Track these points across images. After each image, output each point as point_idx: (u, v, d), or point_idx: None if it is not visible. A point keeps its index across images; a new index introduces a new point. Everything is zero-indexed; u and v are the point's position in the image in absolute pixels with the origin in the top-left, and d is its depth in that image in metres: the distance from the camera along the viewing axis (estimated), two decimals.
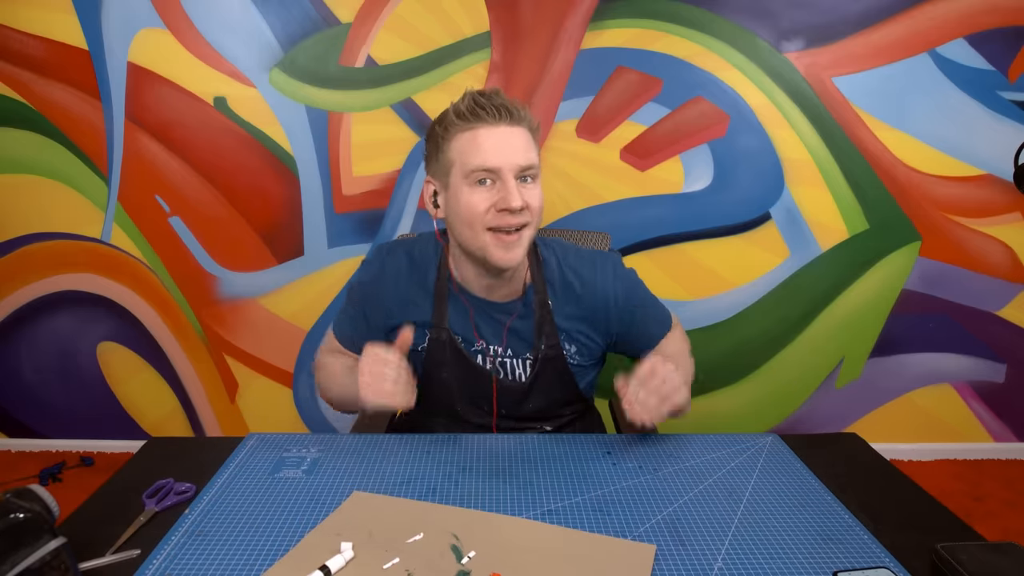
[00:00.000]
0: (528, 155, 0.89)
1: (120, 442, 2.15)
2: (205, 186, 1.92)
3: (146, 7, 1.78)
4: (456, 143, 0.89)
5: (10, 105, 1.86)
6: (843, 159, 1.88)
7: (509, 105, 0.88)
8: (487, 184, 0.88)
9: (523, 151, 0.88)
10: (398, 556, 0.67)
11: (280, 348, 2.05)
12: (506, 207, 0.87)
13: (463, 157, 0.88)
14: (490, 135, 0.87)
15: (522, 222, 0.89)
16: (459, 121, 0.88)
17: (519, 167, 0.88)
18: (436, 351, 1.00)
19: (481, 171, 0.87)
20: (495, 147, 0.87)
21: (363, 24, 1.80)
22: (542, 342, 0.99)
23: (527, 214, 0.89)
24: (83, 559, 0.67)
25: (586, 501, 0.78)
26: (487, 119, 0.87)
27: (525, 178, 0.90)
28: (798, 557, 0.68)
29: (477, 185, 0.88)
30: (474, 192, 0.88)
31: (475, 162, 0.87)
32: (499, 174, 0.87)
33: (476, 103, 0.88)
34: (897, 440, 2.12)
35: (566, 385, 1.04)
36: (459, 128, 0.89)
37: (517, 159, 0.87)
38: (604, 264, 1.02)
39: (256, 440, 0.94)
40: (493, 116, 0.87)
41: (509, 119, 0.88)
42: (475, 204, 0.88)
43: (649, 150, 1.89)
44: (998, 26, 1.79)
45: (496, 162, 0.87)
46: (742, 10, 1.78)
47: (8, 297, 2.03)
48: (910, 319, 2.01)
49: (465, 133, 0.88)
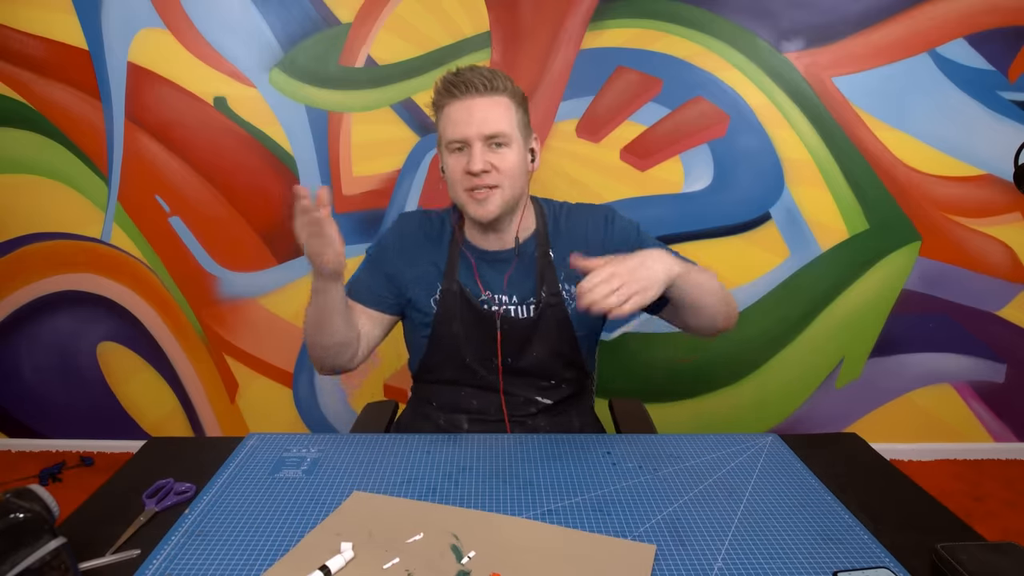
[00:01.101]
0: (497, 123, 0.97)
1: (120, 442, 2.15)
2: (205, 186, 1.92)
3: (146, 7, 1.78)
4: (440, 117, 1.01)
5: (10, 105, 1.86)
6: (843, 159, 1.88)
7: (479, 79, 0.96)
8: (463, 151, 0.98)
9: (492, 121, 0.96)
10: (398, 556, 0.67)
11: (280, 348, 2.05)
12: (468, 170, 0.97)
13: (442, 130, 1.00)
14: (460, 108, 0.97)
15: (489, 183, 0.98)
16: (438, 97, 1.00)
17: (484, 136, 0.96)
18: (448, 302, 1.06)
19: (452, 141, 0.98)
20: (463, 119, 0.97)
21: (363, 24, 1.80)
22: (543, 290, 1.06)
23: (494, 175, 0.98)
24: (83, 559, 0.67)
25: (586, 501, 0.78)
26: (458, 94, 0.97)
27: (495, 144, 0.98)
28: (798, 557, 0.68)
29: (456, 152, 0.99)
30: (452, 158, 1.00)
31: (448, 134, 0.98)
32: (467, 142, 0.97)
33: (449, 80, 0.98)
34: (897, 440, 2.12)
35: (565, 338, 1.08)
36: (441, 103, 0.99)
37: (482, 129, 0.96)
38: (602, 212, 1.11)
39: (256, 440, 0.94)
40: (462, 90, 0.96)
41: (480, 91, 0.96)
42: (453, 168, 1.00)
43: (649, 150, 1.89)
44: (998, 26, 1.79)
45: (462, 133, 0.97)
46: (742, 10, 1.78)
47: (8, 297, 2.03)
48: (910, 319, 2.01)
49: (444, 108, 0.99)
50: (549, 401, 1.11)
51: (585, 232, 1.09)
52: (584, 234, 1.09)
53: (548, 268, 1.06)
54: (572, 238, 1.09)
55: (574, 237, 1.09)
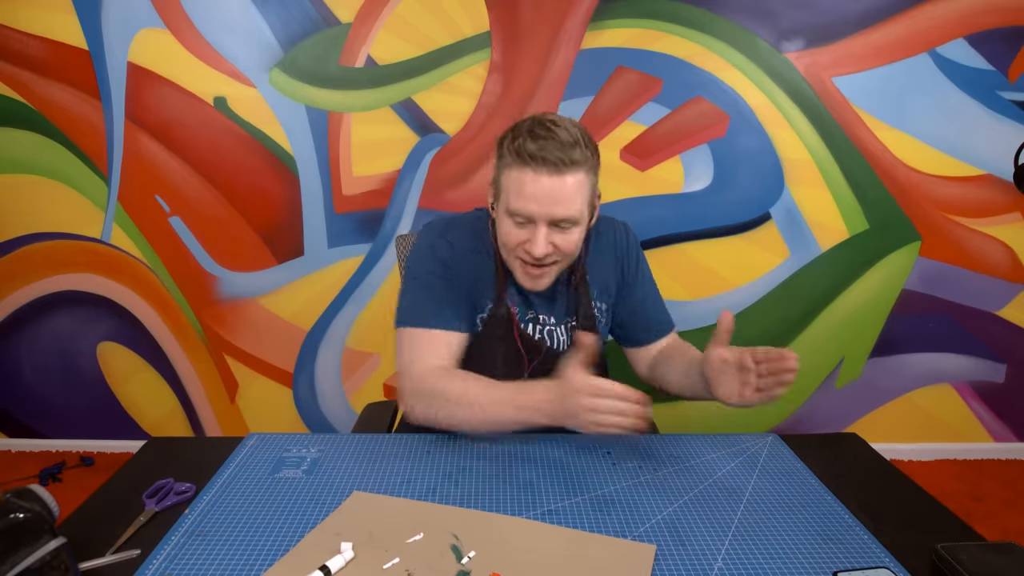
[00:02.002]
0: (568, 207, 0.89)
1: (120, 442, 2.15)
2: (205, 186, 1.92)
3: (146, 7, 1.78)
4: (507, 174, 0.92)
5: (10, 105, 1.86)
6: (843, 159, 1.88)
7: (558, 158, 0.87)
8: (522, 223, 0.92)
9: (564, 203, 0.89)
10: (398, 556, 0.67)
11: (280, 348, 2.05)
12: (528, 252, 0.92)
13: (507, 193, 0.92)
14: (536, 183, 0.88)
15: (549, 262, 0.94)
16: (512, 158, 0.90)
17: (554, 218, 0.90)
18: (493, 324, 1.03)
19: (516, 213, 0.91)
20: (535, 196, 0.89)
21: (363, 24, 1.80)
22: (580, 312, 1.05)
23: (553, 256, 0.93)
24: (83, 559, 0.67)
25: (586, 501, 0.78)
26: (532, 167, 0.88)
27: (561, 224, 0.91)
28: (798, 557, 0.68)
29: (516, 219, 0.92)
30: (511, 226, 0.93)
31: (515, 205, 0.91)
32: (533, 220, 0.91)
33: (530, 150, 0.87)
34: (897, 440, 2.12)
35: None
36: (512, 163, 0.90)
37: (554, 211, 0.89)
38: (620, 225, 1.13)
39: (256, 440, 0.94)
40: (538, 165, 0.87)
41: (558, 170, 0.87)
42: (509, 236, 0.94)
43: (649, 150, 1.89)
44: (998, 26, 1.79)
45: (531, 211, 0.90)
46: (742, 10, 1.78)
47: (8, 297, 2.03)
48: (910, 319, 2.01)
49: (514, 171, 0.90)
50: None
51: (613, 243, 1.10)
52: (612, 245, 1.09)
53: (583, 287, 1.05)
54: (602, 251, 1.09)
55: (603, 249, 1.09)
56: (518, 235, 0.92)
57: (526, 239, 0.92)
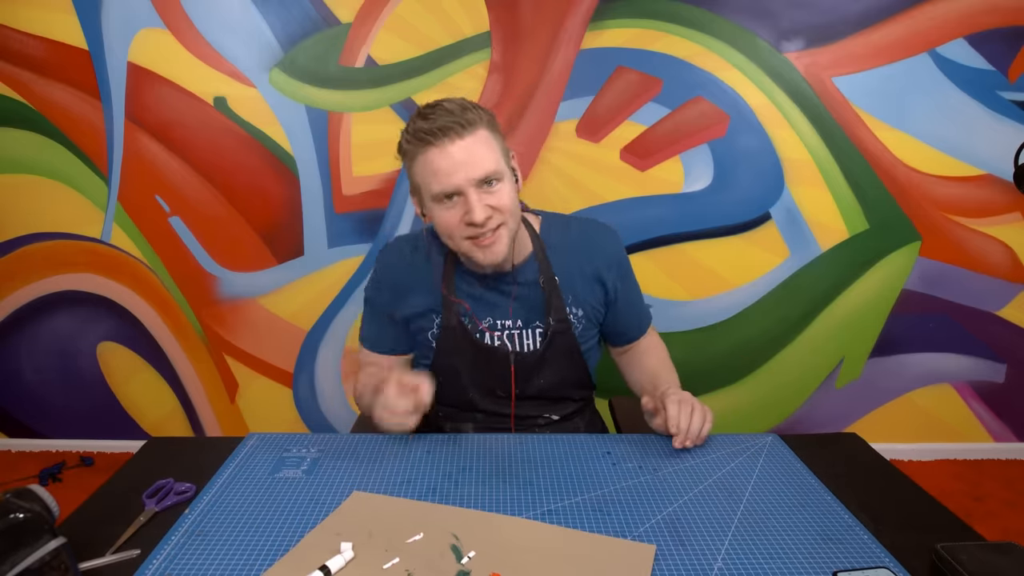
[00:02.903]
0: (485, 162, 0.88)
1: (120, 442, 2.15)
2: (205, 186, 1.92)
3: (146, 7, 1.78)
4: (416, 167, 0.91)
5: (10, 105, 1.86)
6: (843, 159, 1.88)
7: (453, 122, 0.87)
8: (453, 200, 0.90)
9: (479, 161, 0.88)
10: (398, 556, 0.67)
11: (280, 348, 2.05)
12: (471, 222, 0.89)
13: (425, 182, 0.91)
14: (442, 155, 0.87)
15: (493, 226, 0.91)
16: (410, 147, 0.91)
17: (476, 180, 0.88)
18: (447, 339, 1.03)
19: (442, 193, 0.89)
20: (449, 168, 0.87)
21: (363, 24, 1.80)
22: (551, 316, 1.02)
23: (496, 217, 0.91)
24: (83, 559, 0.67)
25: (586, 501, 0.78)
26: (434, 141, 0.87)
27: (488, 182, 0.90)
28: (798, 557, 0.68)
29: (445, 201, 0.90)
30: (444, 210, 0.91)
31: (435, 188, 0.89)
32: (460, 191, 0.89)
33: (419, 128, 0.88)
34: (897, 440, 2.12)
35: (575, 363, 1.07)
36: (414, 152, 0.90)
37: (473, 172, 0.88)
38: (607, 228, 1.10)
39: (256, 440, 0.94)
40: (438, 137, 0.87)
41: (457, 134, 0.87)
42: (447, 221, 0.92)
43: (649, 150, 1.89)
44: (998, 26, 1.79)
45: (454, 182, 0.88)
46: (742, 10, 1.78)
47: (8, 297, 2.03)
48: (910, 319, 2.01)
49: (420, 156, 0.89)
50: (556, 417, 1.11)
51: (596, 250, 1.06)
52: (590, 255, 1.05)
53: (555, 293, 1.02)
54: (577, 258, 1.05)
55: (579, 257, 1.05)
56: (455, 215, 0.91)
57: (463, 213, 0.90)
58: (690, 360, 2.04)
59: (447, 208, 0.91)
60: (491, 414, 1.08)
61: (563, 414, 1.11)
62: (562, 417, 1.11)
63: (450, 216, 0.91)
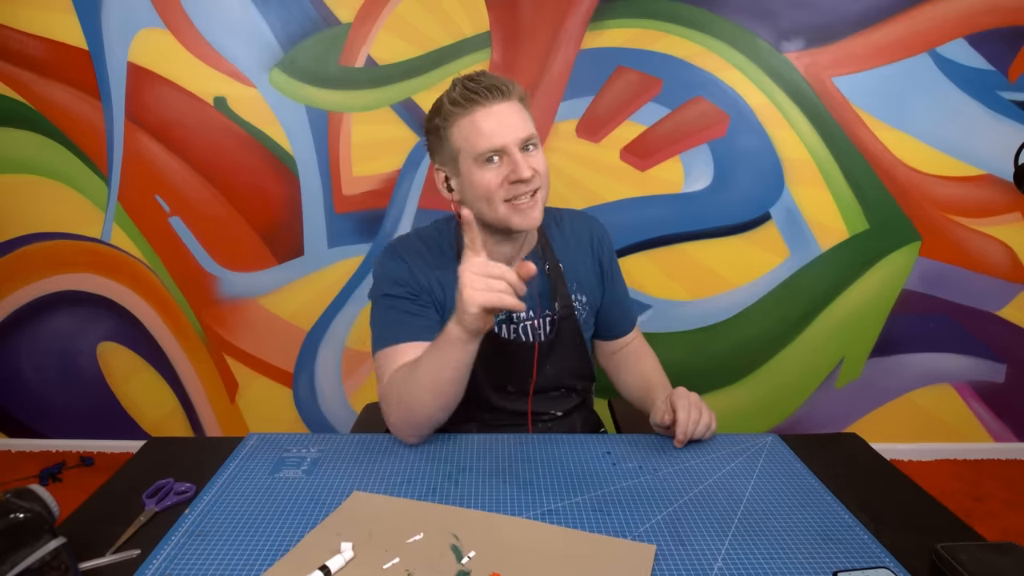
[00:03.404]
0: (527, 126, 0.94)
1: (120, 442, 2.15)
2: (205, 186, 1.92)
3: (146, 7, 1.78)
4: (457, 130, 0.94)
5: (10, 105, 1.86)
6: (843, 159, 1.88)
7: (499, 83, 0.93)
8: (495, 161, 0.93)
9: (522, 124, 0.93)
10: (398, 556, 0.67)
11: (280, 348, 2.05)
12: (518, 179, 0.92)
13: (468, 143, 0.93)
14: (488, 116, 0.91)
15: (534, 187, 0.94)
16: (456, 109, 0.93)
17: (521, 140, 0.92)
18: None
19: (489, 152, 0.92)
20: (495, 127, 0.91)
21: (363, 24, 1.80)
22: (557, 302, 1.05)
23: (537, 179, 0.94)
24: (83, 559, 0.67)
25: (586, 501, 0.78)
26: (482, 101, 0.91)
27: (528, 147, 0.94)
28: (798, 557, 0.68)
29: (487, 164, 0.93)
30: (486, 171, 0.93)
31: (482, 145, 0.91)
32: (505, 150, 0.92)
33: (468, 88, 0.92)
34: (897, 440, 2.12)
35: (579, 350, 1.09)
36: (457, 115, 0.93)
37: (518, 133, 0.92)
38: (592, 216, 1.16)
39: (256, 440, 0.94)
40: (486, 97, 0.91)
41: (501, 96, 0.92)
42: (489, 182, 0.93)
43: (649, 150, 1.89)
44: (998, 26, 1.79)
45: (500, 141, 0.91)
46: (742, 10, 1.78)
47: (8, 297, 2.03)
48: (910, 319, 2.01)
49: (464, 119, 0.93)
50: (560, 412, 1.11)
51: (589, 238, 1.11)
52: (588, 240, 1.11)
53: (560, 280, 1.06)
54: (577, 245, 1.10)
55: (579, 244, 1.10)
56: (497, 175, 0.92)
57: (507, 172, 0.92)
58: (690, 360, 2.04)
59: (489, 169, 0.93)
60: (500, 412, 1.07)
61: (565, 409, 1.12)
62: (564, 413, 1.12)
63: (492, 176, 0.93)
